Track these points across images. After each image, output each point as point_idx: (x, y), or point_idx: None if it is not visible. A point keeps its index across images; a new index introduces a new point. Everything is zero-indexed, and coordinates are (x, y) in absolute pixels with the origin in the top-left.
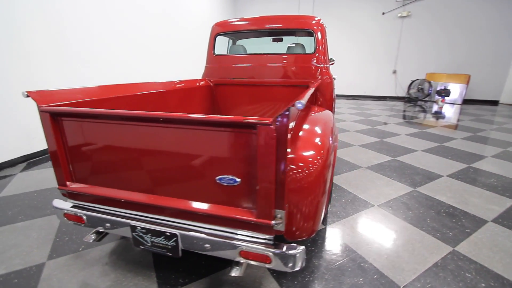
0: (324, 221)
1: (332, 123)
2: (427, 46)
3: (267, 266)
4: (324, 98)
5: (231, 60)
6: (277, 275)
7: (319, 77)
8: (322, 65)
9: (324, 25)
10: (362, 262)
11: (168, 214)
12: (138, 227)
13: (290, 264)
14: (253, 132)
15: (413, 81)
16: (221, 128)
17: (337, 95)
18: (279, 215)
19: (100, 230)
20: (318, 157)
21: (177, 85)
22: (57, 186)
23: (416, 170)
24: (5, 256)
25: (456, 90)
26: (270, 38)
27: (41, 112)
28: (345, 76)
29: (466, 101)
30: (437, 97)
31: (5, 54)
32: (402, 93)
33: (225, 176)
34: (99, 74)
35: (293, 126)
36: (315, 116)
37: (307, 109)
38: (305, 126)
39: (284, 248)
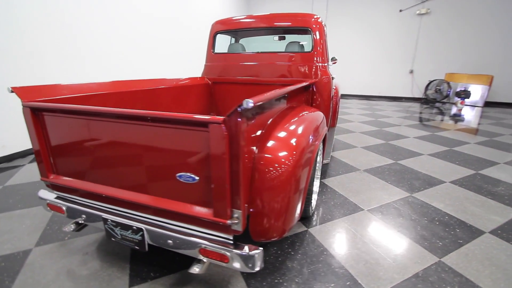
0: (308, 224)
1: (319, 124)
2: (447, 45)
3: (225, 265)
4: (322, 97)
5: (229, 58)
6: (247, 275)
7: (316, 76)
8: (320, 64)
9: (323, 24)
10: (337, 268)
11: (135, 209)
12: (109, 220)
13: (249, 265)
14: (206, 130)
15: (430, 82)
16: (176, 125)
17: (349, 95)
18: (235, 215)
19: (79, 222)
20: (290, 157)
21: (174, 83)
22: (40, 177)
23: (417, 175)
24: None
25: (477, 92)
26: (272, 37)
27: (23, 107)
28: (359, 76)
29: (488, 104)
30: (456, 99)
31: (16, 53)
32: (419, 94)
33: (184, 173)
34: (111, 76)
35: (269, 123)
36: (299, 116)
37: (292, 109)
38: (284, 126)
39: (242, 249)
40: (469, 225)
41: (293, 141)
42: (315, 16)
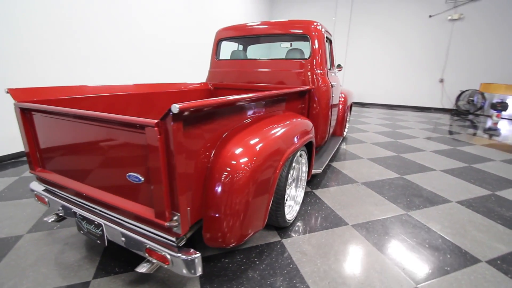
0: (283, 234)
1: (298, 132)
2: (482, 53)
3: (168, 268)
4: (320, 105)
5: (231, 64)
6: (204, 279)
7: (313, 83)
8: (318, 71)
9: (323, 31)
10: (299, 283)
11: (98, 204)
12: (77, 214)
13: (190, 270)
14: (143, 132)
15: (462, 92)
16: (121, 127)
17: (371, 104)
18: (175, 217)
19: (59, 214)
20: (249, 163)
21: (175, 88)
22: (29, 170)
23: (420, 192)
24: None
25: None
26: (278, 43)
27: (15, 106)
28: (382, 84)
29: None
30: (492, 111)
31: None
32: (450, 105)
33: (132, 174)
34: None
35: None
36: (273, 123)
37: (270, 115)
38: (251, 132)
39: (182, 253)
40: (464, 252)
41: (256, 147)
42: (315, 24)
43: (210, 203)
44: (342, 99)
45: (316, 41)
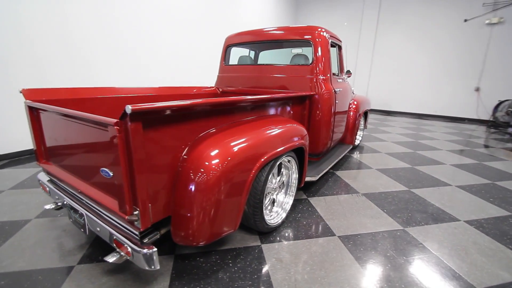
0: (264, 239)
1: (282, 138)
2: None
3: (130, 259)
4: (322, 111)
5: (238, 70)
6: (175, 275)
7: (315, 89)
8: (321, 77)
9: (327, 36)
10: None
11: (82, 196)
12: (67, 203)
13: (149, 264)
14: (107, 130)
15: (501, 102)
16: (92, 124)
17: (398, 112)
18: (135, 212)
19: (57, 202)
20: (220, 165)
21: (183, 91)
22: (36, 161)
23: (425, 207)
24: (14, 210)
25: None
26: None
27: (25, 104)
28: (410, 92)
29: None
30: None
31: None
32: (486, 116)
33: (104, 168)
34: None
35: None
36: (255, 128)
37: (256, 119)
38: (228, 135)
39: (140, 246)
40: (457, 275)
41: (229, 150)
42: (319, 29)
43: (178, 201)
44: (354, 106)
45: (319, 47)
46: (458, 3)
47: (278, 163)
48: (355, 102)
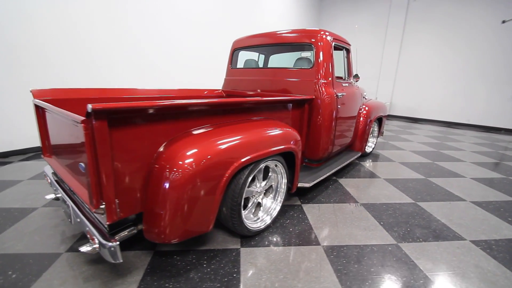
0: (245, 242)
1: (270, 141)
2: None
3: (98, 251)
4: (322, 116)
5: (243, 73)
6: (150, 270)
7: (315, 93)
8: (322, 81)
9: (330, 39)
10: None
11: (68, 187)
12: (60, 195)
13: (112, 256)
14: (78, 126)
15: None
16: (70, 121)
17: (424, 120)
18: (102, 206)
19: (56, 194)
20: (193, 164)
21: (188, 93)
22: (41, 155)
23: (429, 223)
24: (26, 198)
25: None
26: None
27: (33, 103)
28: (439, 99)
29: None
30: None
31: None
32: None
33: (80, 163)
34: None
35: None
36: (243, 131)
37: (243, 122)
38: (206, 136)
39: (106, 239)
40: None
41: (205, 150)
42: (321, 32)
43: (149, 198)
44: (364, 112)
45: (320, 51)
46: (495, 3)
47: (260, 166)
48: (366, 108)
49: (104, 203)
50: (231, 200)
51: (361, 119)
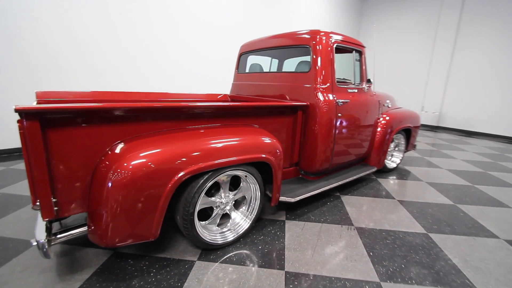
0: (203, 256)
1: (237, 149)
2: None
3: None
4: (319, 124)
5: (247, 77)
6: (100, 271)
7: (311, 99)
8: (319, 86)
9: (331, 41)
10: None
11: None
12: None
13: (43, 253)
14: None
15: None
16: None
17: (479, 134)
18: (37, 203)
19: None
20: (136, 168)
21: (193, 98)
22: None
23: (434, 262)
24: None
25: None
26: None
27: (36, 103)
28: (501, 109)
29: None
30: None
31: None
32: None
33: None
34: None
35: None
36: (208, 136)
37: (216, 127)
38: (159, 141)
39: (39, 236)
40: None
41: (152, 155)
42: (321, 33)
43: (92, 199)
44: (383, 121)
45: (318, 53)
46: None
47: (219, 176)
48: (386, 117)
49: (38, 200)
50: (182, 208)
51: (379, 129)
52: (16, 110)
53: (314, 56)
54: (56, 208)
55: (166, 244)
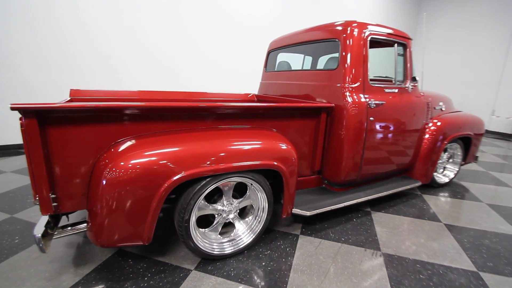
0: (202, 266)
1: (241, 154)
2: None
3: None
4: (346, 128)
5: (274, 76)
6: (100, 268)
7: (338, 100)
8: (348, 86)
9: (364, 33)
10: None
11: None
12: None
13: (39, 247)
14: None
15: None
16: None
17: None
18: (37, 198)
19: None
20: (129, 168)
21: (219, 97)
22: None
23: None
24: None
25: None
26: None
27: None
28: None
29: None
30: None
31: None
32: None
33: None
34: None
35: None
36: (211, 138)
37: (222, 129)
38: (159, 143)
39: (38, 230)
40: None
41: (146, 156)
42: (353, 24)
43: (90, 197)
44: (434, 128)
45: (347, 48)
46: None
47: (219, 182)
48: (437, 122)
49: (37, 195)
50: (178, 214)
51: (427, 136)
52: (12, 108)
53: (344, 51)
54: (55, 204)
55: (169, 248)
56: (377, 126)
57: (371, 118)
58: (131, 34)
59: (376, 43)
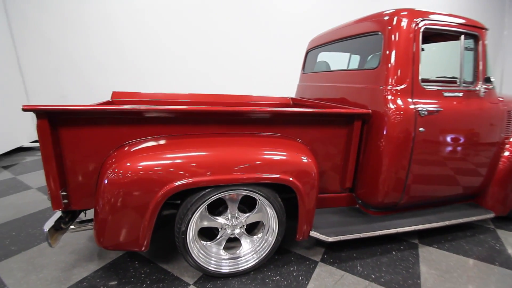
0: (200, 282)
1: (248, 164)
2: None
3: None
4: (387, 141)
5: (309, 78)
6: (107, 267)
7: (378, 104)
8: (391, 88)
9: (415, 24)
10: None
11: None
12: None
13: (47, 241)
14: None
15: None
16: None
17: None
18: (48, 193)
19: None
20: (128, 172)
21: (254, 101)
22: None
23: None
24: None
25: None
26: None
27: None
28: None
29: None
30: None
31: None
32: None
33: None
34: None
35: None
36: (218, 145)
37: (233, 136)
38: (169, 146)
39: (48, 226)
40: None
41: (150, 160)
42: (401, 14)
43: (95, 197)
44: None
45: (390, 42)
46: None
47: (223, 194)
48: None
49: (48, 192)
50: (176, 224)
51: (507, 154)
52: (24, 109)
53: (387, 46)
54: (65, 200)
55: (174, 255)
56: (430, 138)
57: (420, 129)
58: (179, 38)
59: (436, 36)
